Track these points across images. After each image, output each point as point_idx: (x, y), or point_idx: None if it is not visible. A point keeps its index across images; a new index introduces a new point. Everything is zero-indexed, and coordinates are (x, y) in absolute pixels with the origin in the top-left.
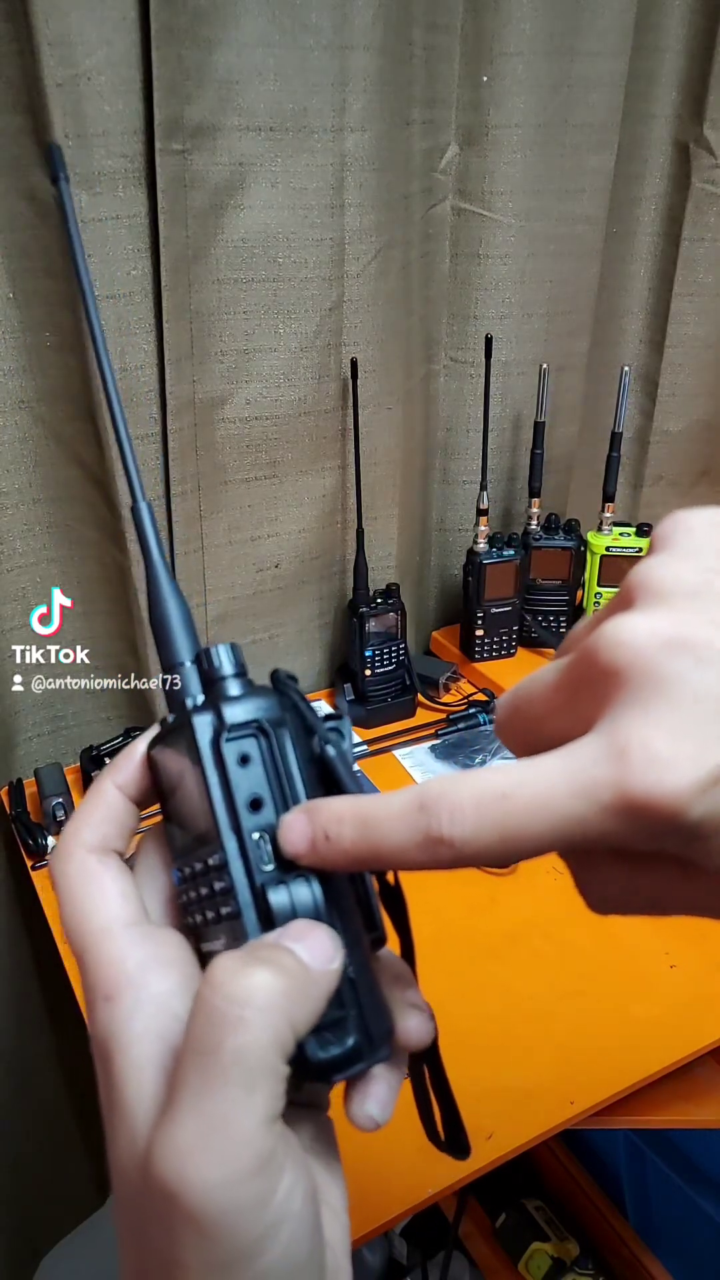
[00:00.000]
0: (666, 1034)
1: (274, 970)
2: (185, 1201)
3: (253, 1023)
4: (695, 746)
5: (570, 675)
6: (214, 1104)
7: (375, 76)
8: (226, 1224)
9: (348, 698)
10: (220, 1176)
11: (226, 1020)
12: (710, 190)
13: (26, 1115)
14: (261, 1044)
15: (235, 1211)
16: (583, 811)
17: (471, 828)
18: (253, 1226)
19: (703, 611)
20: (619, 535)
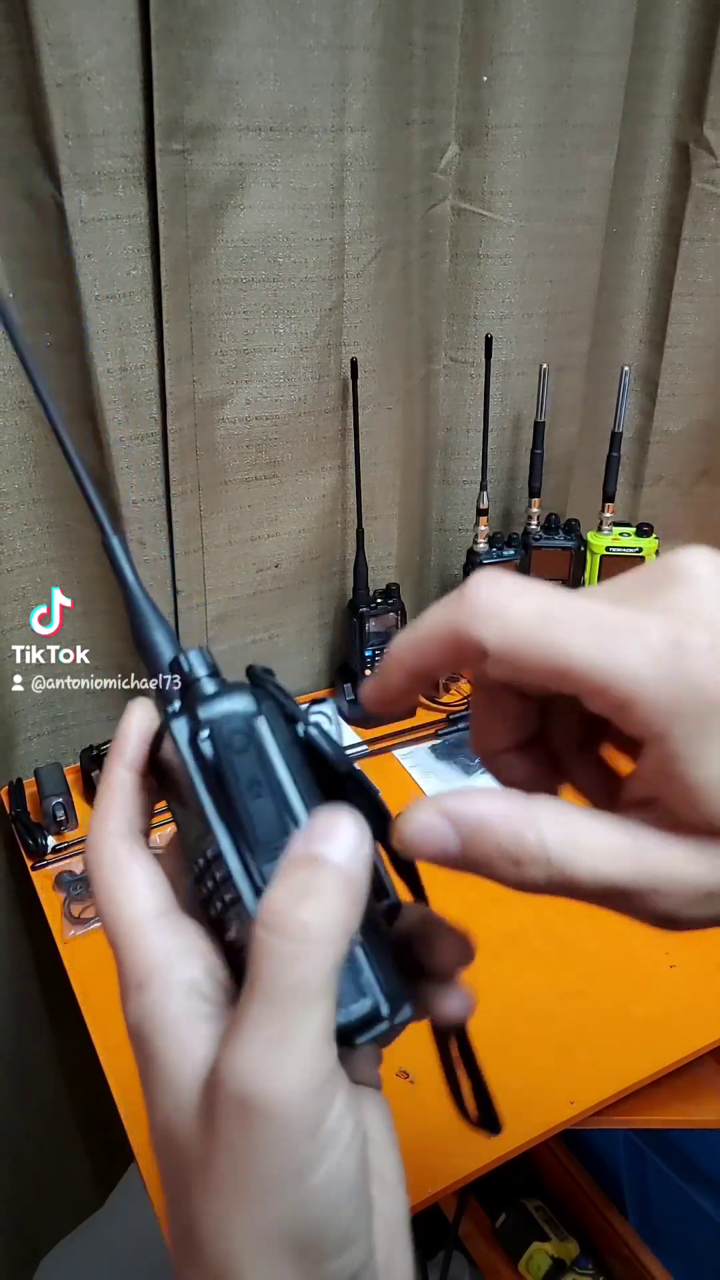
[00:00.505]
0: (666, 1034)
1: (318, 900)
2: (256, 1106)
3: (311, 955)
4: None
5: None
6: (278, 1025)
7: (375, 76)
8: (289, 1132)
9: (348, 698)
10: (285, 1086)
11: (285, 958)
12: (710, 190)
13: (26, 1115)
14: (322, 970)
15: (298, 1119)
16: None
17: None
18: (307, 1143)
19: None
20: (619, 535)
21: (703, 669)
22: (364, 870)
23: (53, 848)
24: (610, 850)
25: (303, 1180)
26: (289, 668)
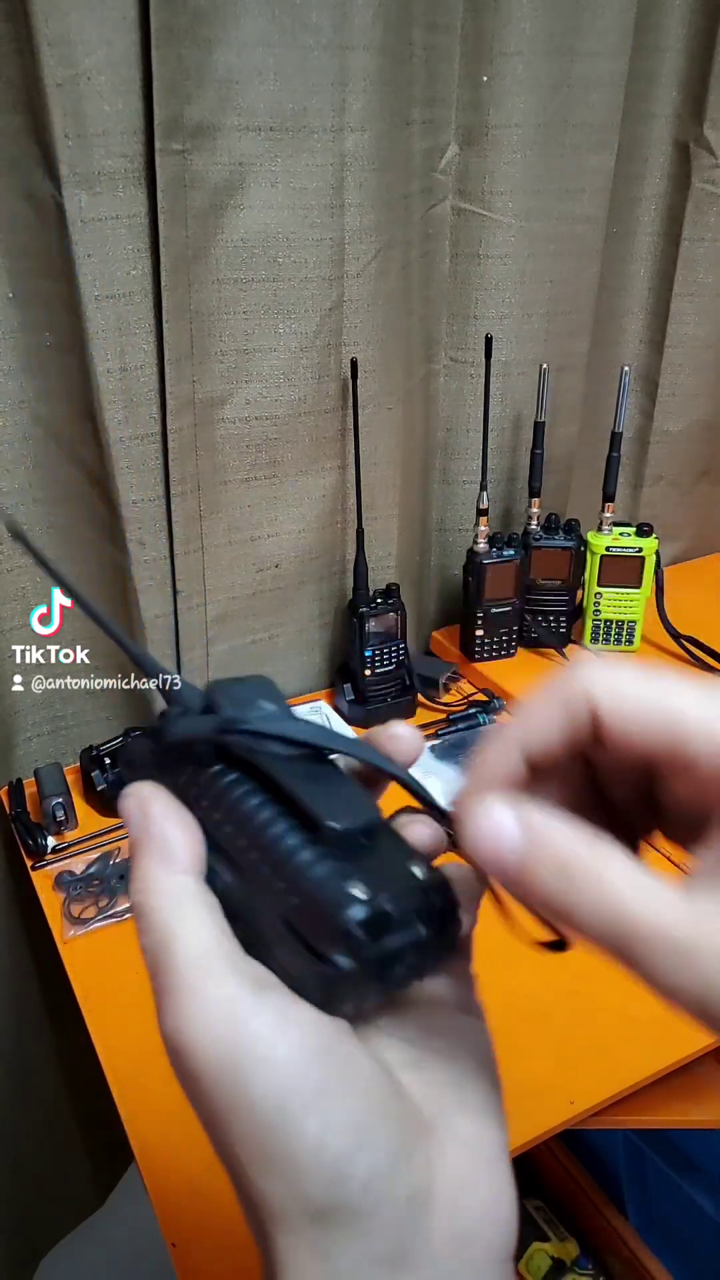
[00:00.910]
0: (666, 1034)
1: (133, 878)
2: (180, 1063)
3: (149, 925)
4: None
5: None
6: (168, 991)
7: (375, 76)
8: (218, 1088)
9: (348, 698)
10: (191, 1043)
11: (142, 933)
12: (710, 190)
13: (26, 1115)
14: (164, 933)
15: (219, 1073)
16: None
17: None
18: (243, 1091)
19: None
20: (619, 535)
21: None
22: (161, 830)
23: (53, 848)
24: (680, 938)
25: (274, 1133)
26: (289, 668)
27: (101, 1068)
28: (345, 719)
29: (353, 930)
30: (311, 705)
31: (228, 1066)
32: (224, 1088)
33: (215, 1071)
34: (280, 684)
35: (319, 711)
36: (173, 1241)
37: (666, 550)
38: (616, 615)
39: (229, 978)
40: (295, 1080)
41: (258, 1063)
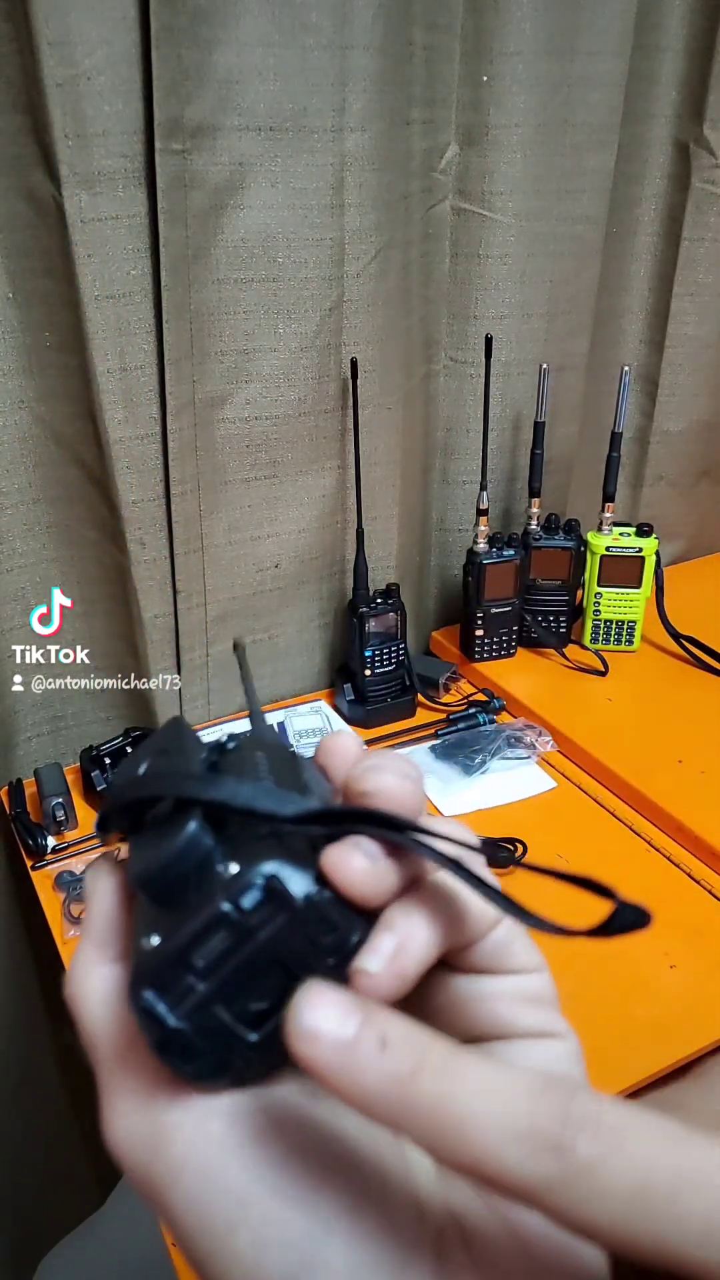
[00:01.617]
0: (666, 1034)
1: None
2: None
3: (81, 1026)
4: None
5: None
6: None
7: (375, 76)
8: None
9: (348, 698)
10: (119, 1147)
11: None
12: (710, 190)
13: (26, 1115)
14: (90, 1037)
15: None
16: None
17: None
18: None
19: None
20: (619, 535)
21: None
22: (100, 915)
23: (52, 848)
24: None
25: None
26: (289, 668)
27: None
28: (345, 719)
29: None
30: (311, 705)
31: (152, 1177)
32: (154, 1200)
33: (142, 1184)
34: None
35: (319, 711)
36: (173, 1241)
37: (666, 550)
38: (616, 615)
39: (142, 1078)
40: (212, 1185)
41: (174, 1170)
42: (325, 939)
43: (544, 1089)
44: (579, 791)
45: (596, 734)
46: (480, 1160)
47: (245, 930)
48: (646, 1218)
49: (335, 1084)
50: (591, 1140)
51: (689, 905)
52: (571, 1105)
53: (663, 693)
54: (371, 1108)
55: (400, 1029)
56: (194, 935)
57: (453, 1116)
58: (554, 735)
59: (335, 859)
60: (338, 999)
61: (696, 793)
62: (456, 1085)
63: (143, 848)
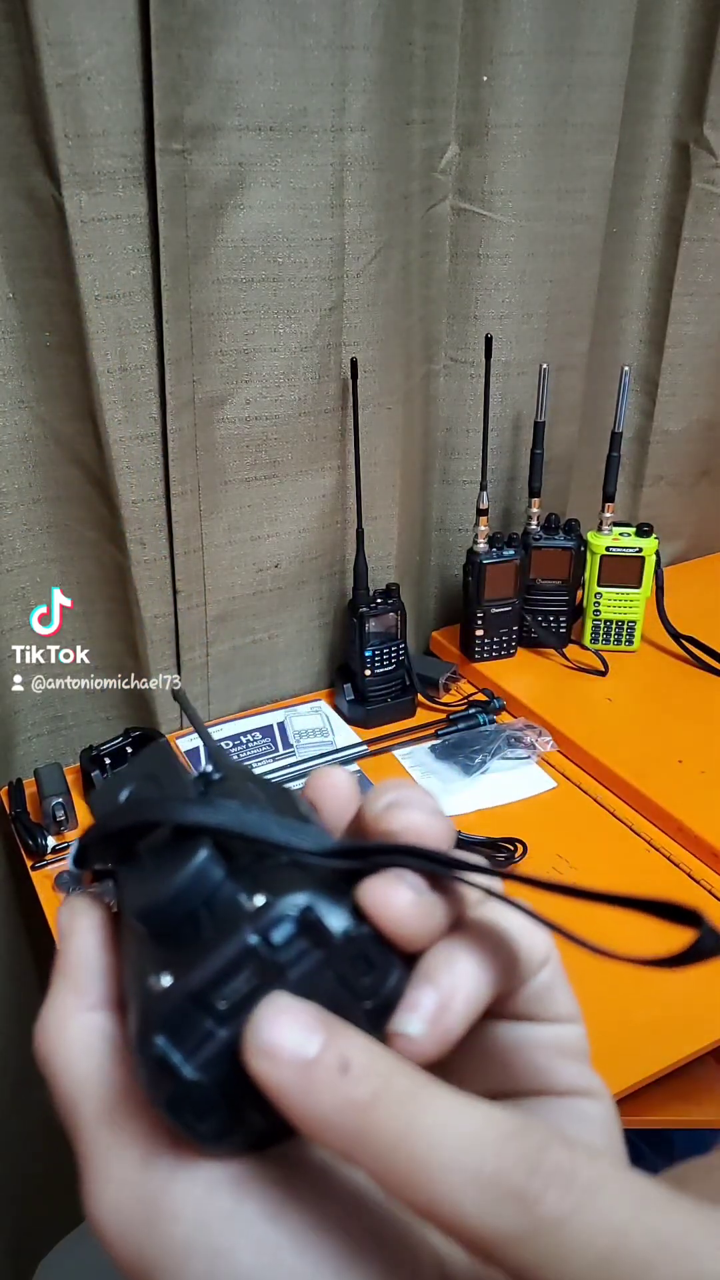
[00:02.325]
0: (666, 1034)
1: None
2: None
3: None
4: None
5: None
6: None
7: (375, 76)
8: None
9: (348, 698)
10: (100, 1220)
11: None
12: (710, 190)
13: (26, 1115)
14: (61, 1098)
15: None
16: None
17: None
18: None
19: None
20: (619, 535)
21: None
22: (77, 956)
23: (52, 848)
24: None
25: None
26: (289, 668)
27: None
28: (345, 719)
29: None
30: (312, 705)
31: (149, 1261)
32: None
33: (134, 1268)
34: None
35: (319, 711)
36: None
37: (666, 550)
38: (616, 615)
39: (137, 1144)
40: (224, 1271)
41: (178, 1254)
42: (362, 980)
43: (515, 1133)
44: (579, 791)
45: (596, 734)
46: (436, 1204)
47: (274, 968)
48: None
49: (289, 1106)
50: (561, 1195)
51: None
52: (544, 1155)
53: (663, 693)
54: (324, 1134)
55: (364, 1052)
56: (216, 974)
57: (411, 1153)
58: (554, 735)
59: (378, 893)
60: (301, 1013)
61: (696, 793)
62: (419, 1119)
63: (140, 880)
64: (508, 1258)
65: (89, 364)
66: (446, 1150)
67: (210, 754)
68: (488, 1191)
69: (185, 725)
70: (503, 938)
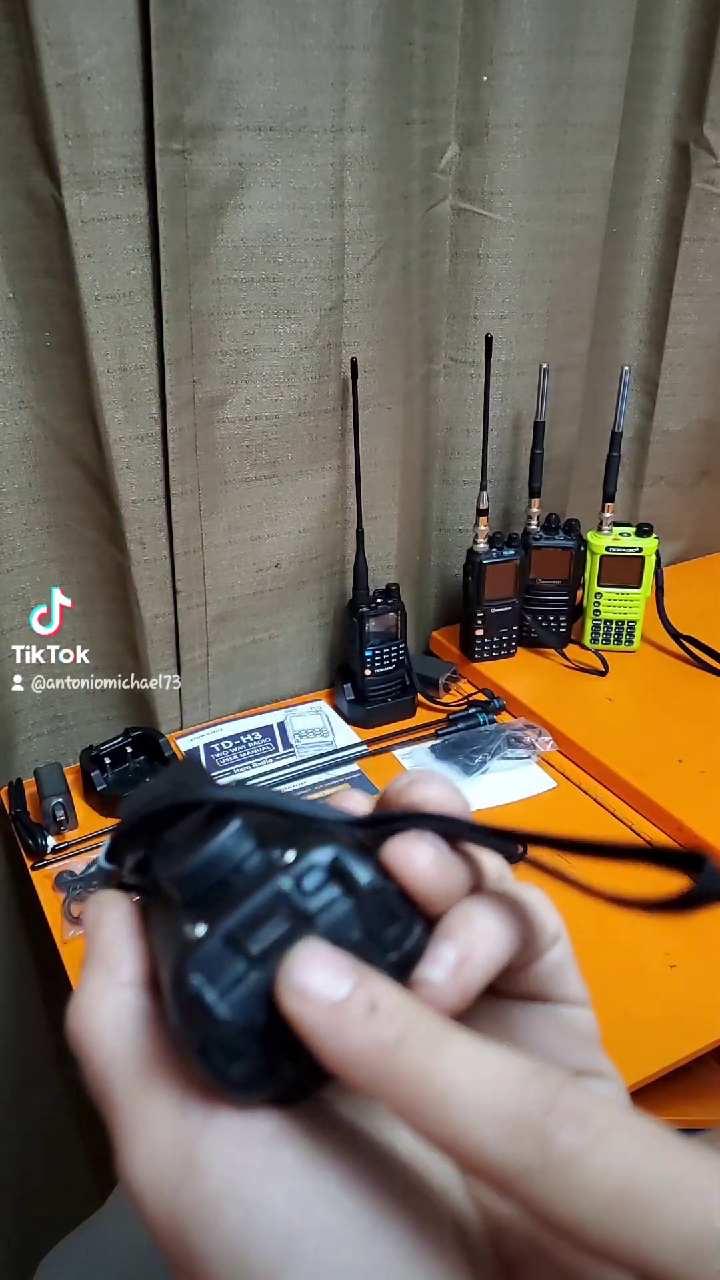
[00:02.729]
0: (666, 1034)
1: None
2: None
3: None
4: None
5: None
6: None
7: (375, 76)
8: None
9: (348, 698)
10: (134, 1181)
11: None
12: (710, 190)
13: (26, 1115)
14: (94, 1072)
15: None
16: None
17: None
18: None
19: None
20: (619, 535)
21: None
22: (108, 940)
23: (52, 848)
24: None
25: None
26: (288, 668)
27: None
28: (345, 719)
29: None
30: (312, 705)
31: (182, 1213)
32: (180, 1240)
33: (167, 1222)
34: (280, 684)
35: (319, 711)
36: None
37: (666, 550)
38: (616, 615)
39: (171, 1099)
40: (257, 1220)
41: (212, 1202)
42: (387, 932)
43: (534, 1075)
44: (579, 791)
45: (596, 734)
46: (457, 1138)
47: (304, 916)
48: (626, 1222)
49: (319, 1044)
50: (576, 1134)
51: None
52: (560, 1095)
53: (663, 693)
54: (352, 1072)
55: (392, 997)
56: (249, 917)
57: (434, 1090)
58: (554, 735)
59: (401, 850)
60: (333, 960)
61: (696, 793)
62: (442, 1059)
63: (174, 853)
64: (522, 1191)
65: (89, 364)
66: (468, 1088)
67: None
68: (506, 1127)
69: (185, 725)
70: (518, 906)
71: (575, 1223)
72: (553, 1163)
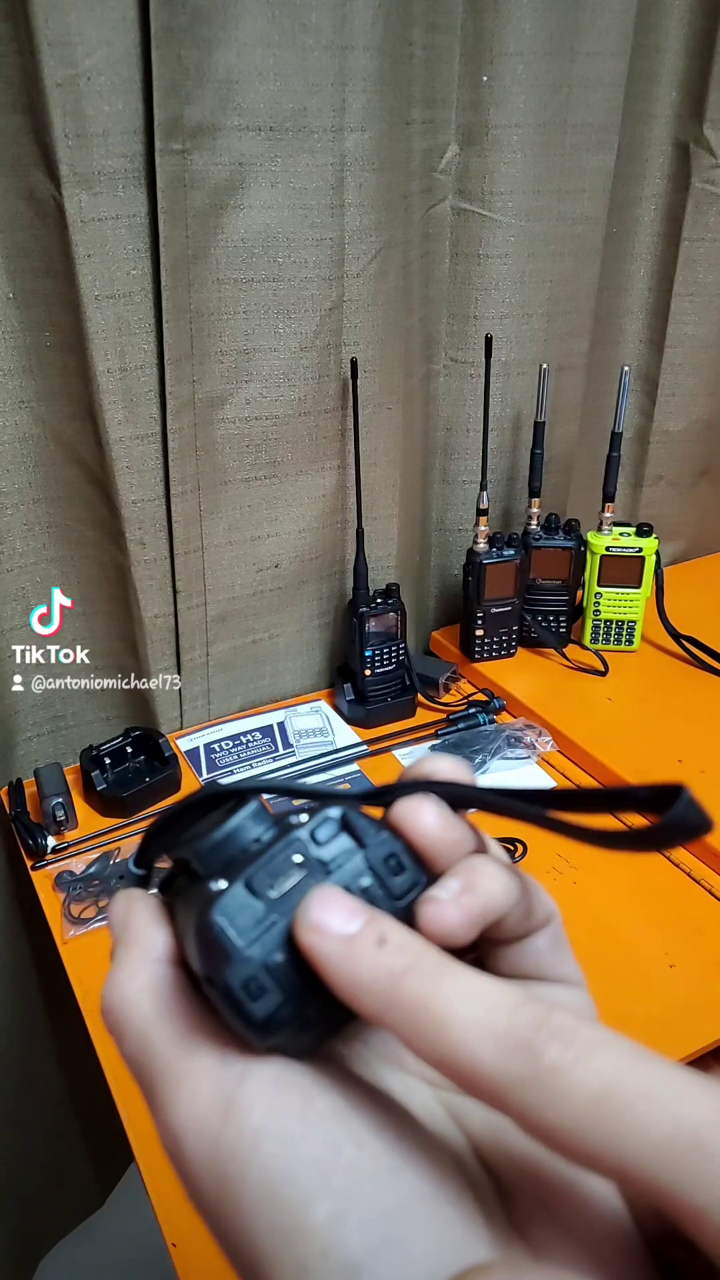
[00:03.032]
0: (666, 1034)
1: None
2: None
3: (112, 1019)
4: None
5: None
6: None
7: (375, 76)
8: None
9: (348, 698)
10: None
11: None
12: (710, 190)
13: (26, 1115)
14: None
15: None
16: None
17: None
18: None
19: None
20: (619, 535)
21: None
22: (141, 925)
23: (52, 848)
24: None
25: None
26: (289, 668)
27: (101, 1068)
28: (345, 719)
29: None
30: (311, 705)
31: (223, 1150)
32: (219, 1177)
33: (207, 1162)
34: (280, 684)
35: (319, 711)
36: (173, 1241)
37: (666, 550)
38: (616, 615)
39: (212, 1052)
40: (294, 1154)
41: (252, 1137)
42: (395, 880)
43: (526, 1001)
44: None
45: (596, 734)
46: (455, 1055)
47: (319, 865)
48: (605, 1126)
49: (332, 973)
50: (563, 1049)
51: (689, 905)
52: (550, 1017)
53: (663, 693)
54: (361, 998)
55: (400, 934)
56: (268, 866)
57: (435, 1013)
58: (554, 735)
59: (406, 807)
60: (346, 900)
61: (697, 792)
62: (444, 986)
63: (198, 837)
64: (514, 1101)
65: (89, 364)
66: (466, 1011)
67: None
68: (501, 1043)
69: (185, 725)
70: (516, 872)
71: (560, 1129)
72: (541, 1072)
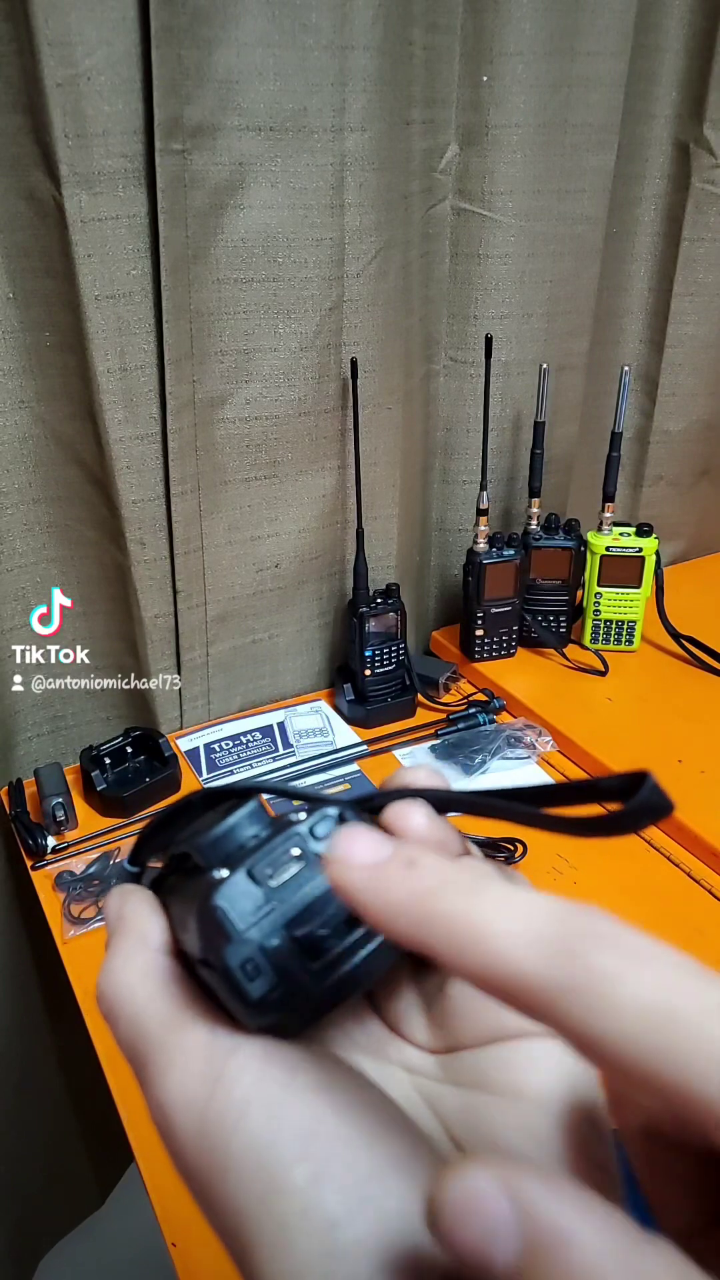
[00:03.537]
0: None
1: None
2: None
3: (112, 1005)
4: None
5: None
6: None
7: (375, 76)
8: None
9: (348, 698)
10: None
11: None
12: (710, 190)
13: (26, 1115)
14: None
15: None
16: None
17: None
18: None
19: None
20: (619, 535)
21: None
22: (136, 916)
23: (52, 848)
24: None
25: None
26: (288, 668)
27: (101, 1068)
28: (345, 719)
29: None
30: (311, 705)
31: (210, 1119)
32: (205, 1147)
33: (194, 1132)
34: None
35: (319, 711)
36: (173, 1241)
37: (666, 550)
38: (616, 615)
39: (203, 1028)
40: (278, 1121)
41: (239, 1106)
42: None
43: (571, 908)
44: None
45: (596, 734)
46: (500, 966)
47: (316, 857)
48: (659, 1039)
49: (362, 900)
50: (615, 955)
51: (689, 905)
52: (596, 923)
53: (663, 693)
54: (395, 921)
55: (430, 856)
56: (268, 857)
57: (474, 926)
58: (554, 735)
59: (397, 810)
60: (371, 833)
61: (696, 793)
62: (481, 897)
63: (197, 833)
64: (561, 1009)
65: (89, 364)
66: (510, 920)
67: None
68: (546, 949)
69: (185, 725)
70: (502, 868)
71: (609, 1039)
72: (593, 980)
